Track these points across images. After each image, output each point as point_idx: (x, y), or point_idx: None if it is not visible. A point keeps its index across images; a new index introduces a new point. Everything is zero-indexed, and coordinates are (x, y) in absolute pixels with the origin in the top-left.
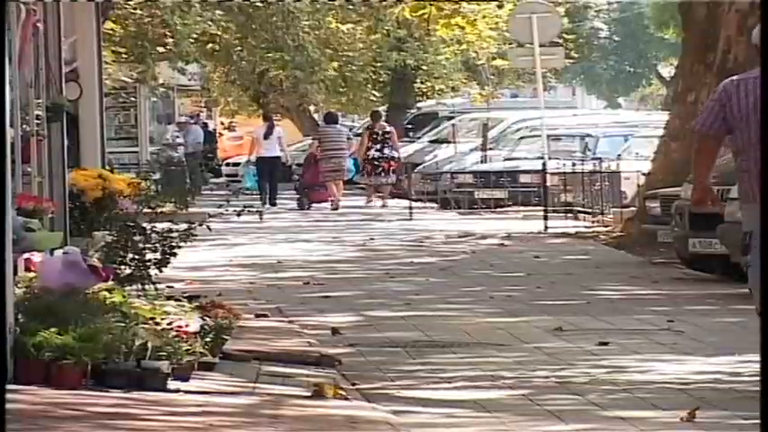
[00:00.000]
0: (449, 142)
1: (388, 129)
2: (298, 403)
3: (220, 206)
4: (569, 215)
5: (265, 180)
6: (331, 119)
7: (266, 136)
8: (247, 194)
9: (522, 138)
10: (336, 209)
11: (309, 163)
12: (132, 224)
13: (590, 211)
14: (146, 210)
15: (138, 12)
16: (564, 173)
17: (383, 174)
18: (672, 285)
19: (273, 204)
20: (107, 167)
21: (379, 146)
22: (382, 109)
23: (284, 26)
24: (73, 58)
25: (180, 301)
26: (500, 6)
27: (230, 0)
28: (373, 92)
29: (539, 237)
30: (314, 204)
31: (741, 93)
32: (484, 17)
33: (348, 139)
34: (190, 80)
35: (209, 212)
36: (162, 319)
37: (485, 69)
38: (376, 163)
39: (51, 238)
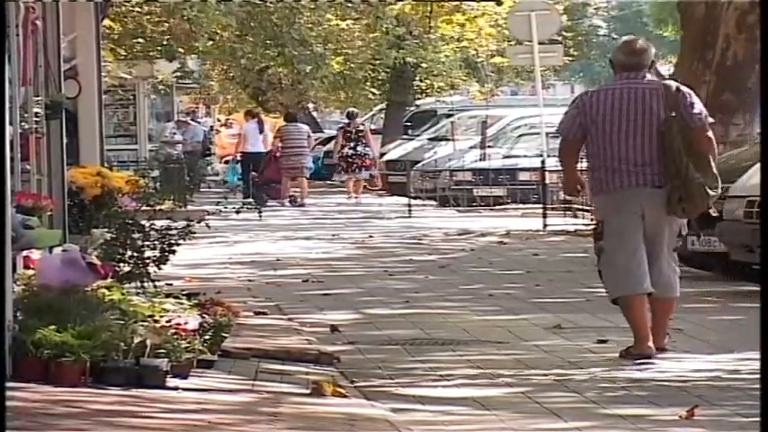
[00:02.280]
0: (448, 140)
1: (361, 127)
2: (296, 401)
3: (219, 203)
4: (568, 213)
5: (248, 175)
6: (291, 117)
7: (251, 132)
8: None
9: (521, 135)
10: (302, 206)
11: (269, 160)
12: (131, 222)
13: (589, 208)
14: (144, 207)
15: (138, 9)
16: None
17: (356, 170)
18: None
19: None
20: (106, 165)
21: (352, 144)
22: (381, 107)
23: (287, 22)
24: (72, 55)
25: (179, 298)
26: (499, 4)
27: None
28: (372, 89)
29: (538, 234)
30: (270, 201)
31: (594, 103)
32: (483, 14)
33: (308, 137)
34: (188, 78)
35: (208, 210)
36: (161, 316)
37: (484, 67)
38: (350, 160)
39: (50, 236)
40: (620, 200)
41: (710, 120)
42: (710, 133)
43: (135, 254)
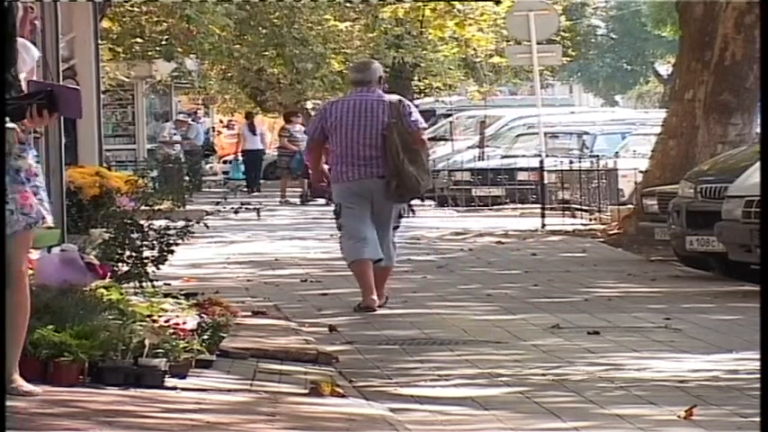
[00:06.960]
0: (446, 140)
1: None
2: (295, 401)
3: (218, 203)
4: (567, 213)
5: (251, 170)
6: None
7: (250, 132)
8: (236, 183)
9: (519, 135)
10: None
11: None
12: (130, 221)
13: (587, 208)
14: (143, 207)
15: (136, 9)
16: (561, 170)
17: None
18: (669, 283)
19: (258, 191)
20: (104, 165)
21: None
22: None
23: (287, 22)
24: (70, 55)
25: (177, 298)
26: (497, 3)
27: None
28: None
29: (536, 234)
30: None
31: (335, 112)
32: (482, 15)
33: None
34: (184, 78)
35: (207, 210)
36: (159, 316)
37: (482, 67)
38: None
39: (49, 236)
40: (353, 188)
41: (424, 125)
42: (424, 136)
43: (133, 254)
